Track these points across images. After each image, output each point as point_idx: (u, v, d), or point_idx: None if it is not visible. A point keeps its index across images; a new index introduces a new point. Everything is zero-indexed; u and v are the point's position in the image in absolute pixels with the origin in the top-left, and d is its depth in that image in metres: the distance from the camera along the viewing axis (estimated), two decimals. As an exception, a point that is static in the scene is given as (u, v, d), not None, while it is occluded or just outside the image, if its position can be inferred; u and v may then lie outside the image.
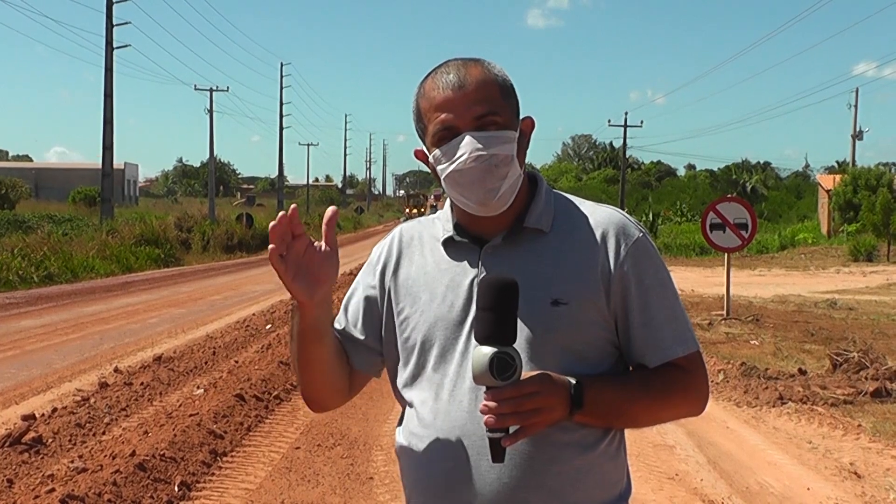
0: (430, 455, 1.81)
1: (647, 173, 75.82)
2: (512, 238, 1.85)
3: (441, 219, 1.96)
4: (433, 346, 1.85)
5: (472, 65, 1.83)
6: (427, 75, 1.87)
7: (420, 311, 1.88)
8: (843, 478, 5.95)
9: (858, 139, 52.91)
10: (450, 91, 1.79)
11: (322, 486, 5.73)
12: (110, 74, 34.75)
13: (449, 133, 1.79)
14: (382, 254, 2.00)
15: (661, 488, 5.68)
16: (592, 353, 1.81)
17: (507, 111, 1.82)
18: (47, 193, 63.14)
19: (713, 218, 13.62)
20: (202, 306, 16.15)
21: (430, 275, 1.90)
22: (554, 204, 1.90)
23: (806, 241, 37.55)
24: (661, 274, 1.86)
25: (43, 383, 8.98)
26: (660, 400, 1.82)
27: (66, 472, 5.50)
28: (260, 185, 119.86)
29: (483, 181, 1.77)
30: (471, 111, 1.77)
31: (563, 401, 1.70)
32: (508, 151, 1.79)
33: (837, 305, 15.77)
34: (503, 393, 1.62)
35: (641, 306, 1.81)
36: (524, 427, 1.65)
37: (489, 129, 1.77)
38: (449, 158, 1.79)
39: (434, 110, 1.81)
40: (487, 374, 1.61)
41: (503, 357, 1.61)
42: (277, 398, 7.98)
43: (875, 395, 8.04)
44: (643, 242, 1.85)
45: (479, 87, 1.79)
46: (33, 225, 32.29)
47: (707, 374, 1.90)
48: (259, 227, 40.20)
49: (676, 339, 1.83)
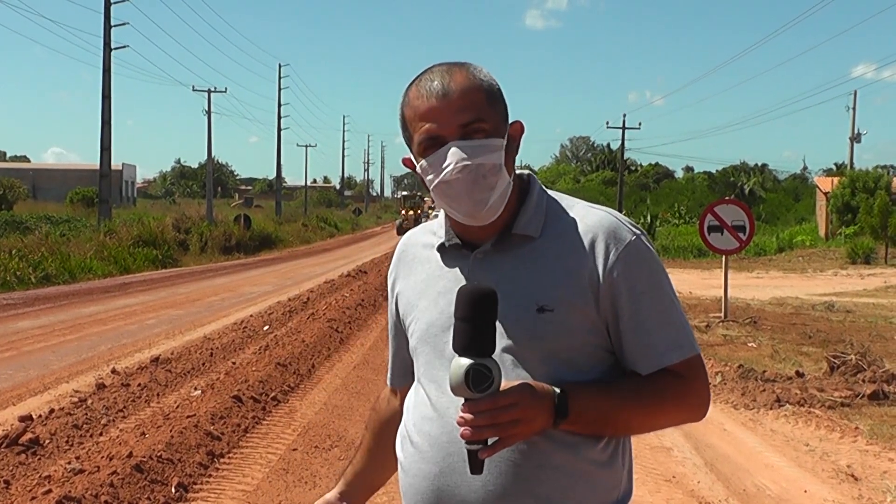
0: (417, 462, 1.82)
1: (645, 175, 75.80)
2: (501, 244, 1.82)
3: (437, 225, 1.95)
4: (424, 352, 1.86)
5: (457, 70, 1.77)
6: (411, 83, 1.81)
7: (416, 318, 1.89)
8: (841, 480, 5.96)
9: (856, 142, 52.94)
10: (434, 99, 1.74)
11: (319, 488, 5.73)
12: (108, 75, 34.73)
13: (434, 143, 1.75)
14: (392, 270, 2.04)
15: (658, 490, 5.68)
16: (582, 359, 1.77)
17: (495, 117, 1.77)
18: (45, 194, 63.10)
19: (711, 220, 13.63)
20: (200, 307, 16.13)
21: (427, 281, 1.90)
22: (546, 207, 1.86)
23: (804, 243, 37.56)
24: (655, 278, 1.80)
25: (40, 384, 8.97)
26: (653, 407, 1.78)
27: (63, 474, 5.49)
28: (258, 186, 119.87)
29: (471, 192, 1.73)
30: (456, 119, 1.73)
31: (545, 411, 1.66)
32: (496, 160, 1.74)
33: (835, 308, 15.78)
34: (479, 405, 1.59)
35: (632, 313, 1.76)
36: (502, 438, 1.62)
37: (475, 138, 1.73)
38: (435, 169, 1.75)
39: (419, 119, 1.76)
40: (463, 386, 1.58)
41: (479, 369, 1.58)
42: (275, 400, 7.97)
43: (872, 397, 8.04)
44: (635, 246, 1.79)
45: (463, 94, 1.74)
46: (31, 226, 32.23)
47: (708, 379, 1.85)
48: (257, 228, 40.22)
49: (671, 344, 1.78)
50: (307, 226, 54.39)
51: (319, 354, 10.49)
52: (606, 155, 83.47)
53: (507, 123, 1.81)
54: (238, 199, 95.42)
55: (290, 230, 48.09)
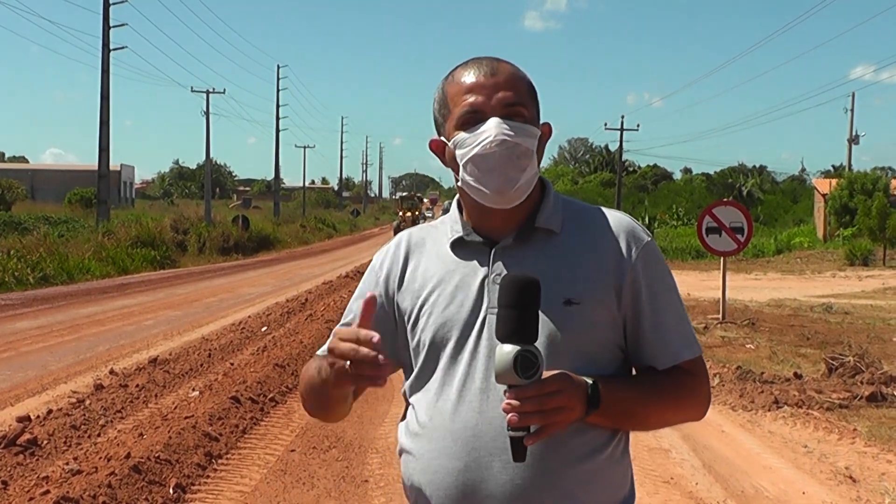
0: (439, 457, 1.79)
1: (644, 177, 75.80)
2: (523, 238, 1.84)
3: (448, 221, 1.95)
4: (444, 347, 1.83)
5: (503, 61, 1.87)
6: (457, 66, 1.88)
7: (428, 312, 1.87)
8: (839, 482, 5.96)
9: (854, 143, 53.01)
10: (482, 76, 1.81)
11: (317, 489, 5.73)
12: (107, 76, 34.71)
13: (476, 117, 1.79)
14: (386, 260, 1.99)
15: (656, 492, 5.68)
16: (602, 354, 1.81)
17: (533, 109, 1.85)
18: (43, 195, 63.11)
19: (709, 222, 13.63)
20: (198, 308, 16.12)
21: (440, 275, 1.88)
22: (562, 206, 1.91)
23: (802, 245, 37.58)
24: (668, 278, 1.88)
25: (38, 385, 8.96)
26: (669, 402, 1.85)
27: (61, 474, 5.49)
28: (256, 187, 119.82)
29: (504, 168, 1.77)
30: (501, 96, 1.79)
31: (581, 401, 1.70)
32: (531, 145, 1.80)
33: (833, 310, 15.78)
34: (526, 391, 1.61)
35: (652, 310, 1.83)
36: (545, 426, 1.64)
37: (516, 119, 1.79)
38: (473, 141, 1.78)
39: (463, 93, 1.82)
40: (511, 373, 1.60)
41: (527, 355, 1.60)
42: (273, 400, 7.97)
43: (870, 399, 8.04)
44: (652, 247, 1.87)
45: (509, 77, 1.82)
46: (29, 226, 32.22)
47: (709, 378, 1.92)
48: (255, 229, 40.19)
49: (684, 342, 1.85)
50: (305, 227, 54.35)
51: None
52: (605, 156, 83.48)
53: (539, 121, 1.87)
54: (236, 199, 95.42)
55: (288, 231, 48.07)
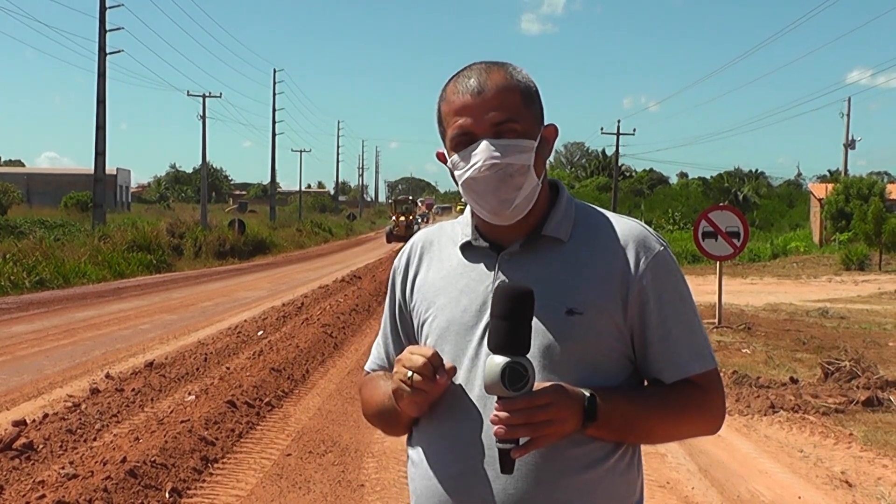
0: (436, 462, 1.80)
1: (640, 181, 75.94)
2: (529, 245, 1.83)
3: (461, 223, 1.95)
4: (444, 350, 1.81)
5: (495, 70, 1.81)
6: (450, 79, 1.85)
7: (434, 315, 1.87)
8: (835, 486, 5.96)
9: (851, 148, 53.04)
10: (469, 96, 1.77)
11: (313, 493, 5.73)
12: (103, 80, 34.68)
13: (466, 139, 1.77)
14: (401, 263, 2.00)
15: (652, 497, 5.68)
16: (607, 364, 1.78)
17: (528, 118, 1.80)
18: (39, 199, 62.98)
19: (705, 226, 13.65)
20: (194, 312, 16.11)
21: (447, 278, 1.89)
22: (574, 213, 1.88)
23: (798, 249, 37.63)
24: (680, 289, 1.83)
25: (34, 389, 8.95)
26: (675, 416, 1.80)
27: (57, 479, 5.48)
28: (252, 191, 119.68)
29: (497, 191, 1.76)
30: (489, 117, 1.76)
31: (576, 413, 1.67)
32: (525, 161, 1.76)
33: (829, 314, 15.82)
34: (515, 404, 1.59)
35: (659, 321, 1.79)
36: (535, 439, 1.63)
37: (507, 137, 1.76)
38: (465, 164, 1.77)
39: (453, 115, 1.79)
40: (499, 384, 1.58)
41: (516, 367, 1.58)
42: (269, 405, 7.97)
43: (866, 403, 8.05)
44: (663, 256, 1.82)
45: (498, 93, 1.77)
46: (25, 230, 32.20)
47: (724, 392, 1.87)
48: (251, 233, 40.18)
49: (693, 355, 1.80)
50: (301, 231, 54.33)
51: (314, 360, 10.48)
52: (601, 160, 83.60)
53: (541, 125, 1.84)
54: (232, 203, 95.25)
55: (284, 235, 48.07)
